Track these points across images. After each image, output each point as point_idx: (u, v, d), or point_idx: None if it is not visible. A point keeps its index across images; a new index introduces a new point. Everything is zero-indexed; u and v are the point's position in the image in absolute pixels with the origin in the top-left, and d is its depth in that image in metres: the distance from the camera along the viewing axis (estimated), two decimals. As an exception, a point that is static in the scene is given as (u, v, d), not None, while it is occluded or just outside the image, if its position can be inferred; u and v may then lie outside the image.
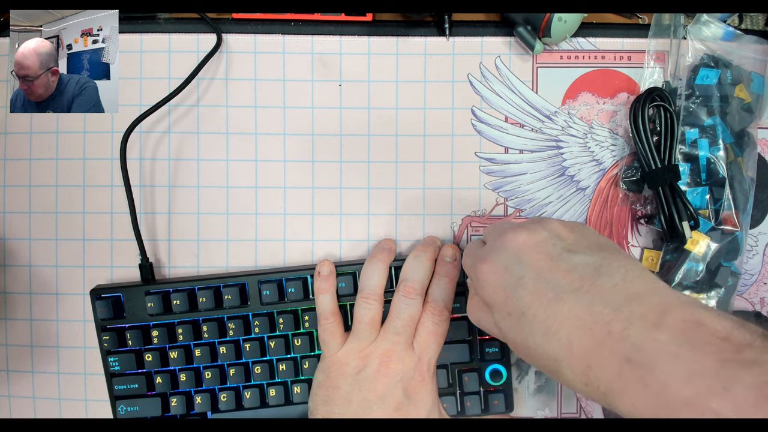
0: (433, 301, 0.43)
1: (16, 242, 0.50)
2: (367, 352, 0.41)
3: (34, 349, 0.50)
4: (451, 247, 0.45)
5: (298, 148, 0.49)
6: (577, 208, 0.49)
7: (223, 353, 0.46)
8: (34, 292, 0.50)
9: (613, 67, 0.49)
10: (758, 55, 0.46)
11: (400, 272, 0.45)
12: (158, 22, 0.49)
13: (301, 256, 0.49)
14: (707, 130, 0.46)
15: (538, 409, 0.49)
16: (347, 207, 0.49)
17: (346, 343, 0.42)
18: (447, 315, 0.43)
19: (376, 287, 0.43)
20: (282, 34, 0.49)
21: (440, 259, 0.44)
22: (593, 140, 0.49)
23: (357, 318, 0.42)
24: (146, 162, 0.49)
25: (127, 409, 0.46)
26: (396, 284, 0.45)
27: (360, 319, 0.42)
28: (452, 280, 0.44)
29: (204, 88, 0.49)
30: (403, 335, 0.41)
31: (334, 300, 0.44)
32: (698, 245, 0.45)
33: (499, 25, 0.48)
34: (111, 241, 0.49)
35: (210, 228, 0.49)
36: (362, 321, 0.42)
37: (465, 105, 0.49)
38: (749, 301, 0.49)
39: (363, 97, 0.49)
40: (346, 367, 0.41)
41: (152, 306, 0.46)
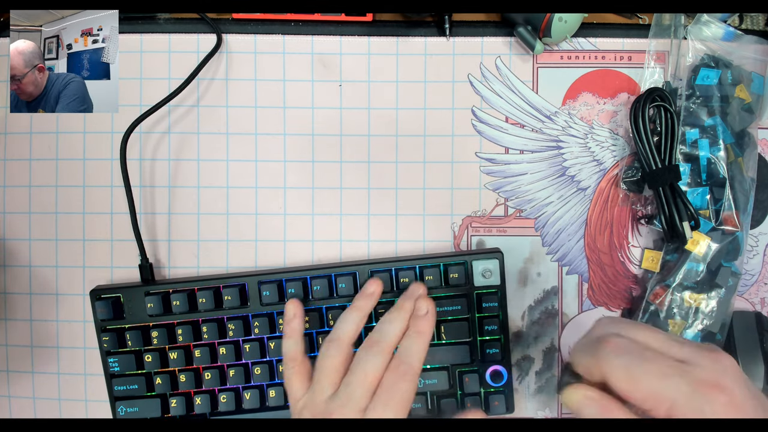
0: (398, 357, 0.37)
1: (16, 242, 0.50)
2: (320, 410, 0.37)
3: (34, 350, 0.50)
4: (426, 301, 0.40)
5: (298, 148, 0.49)
6: (577, 208, 0.49)
7: (222, 354, 0.46)
8: (34, 292, 0.50)
9: (614, 68, 0.49)
10: (758, 55, 0.46)
11: (400, 275, 0.45)
12: (158, 22, 0.49)
13: (301, 256, 0.49)
14: (708, 130, 0.46)
15: (539, 410, 0.49)
16: (347, 207, 0.49)
17: (306, 393, 0.39)
18: (412, 375, 0.36)
19: (346, 336, 0.39)
20: (282, 34, 0.49)
21: (414, 312, 0.40)
22: (594, 140, 0.49)
23: (318, 362, 0.39)
24: (146, 162, 0.49)
25: (127, 409, 0.46)
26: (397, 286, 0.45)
27: (320, 364, 0.38)
28: (424, 335, 0.38)
29: (204, 89, 0.49)
30: (356, 398, 0.36)
31: (297, 345, 0.41)
32: (699, 245, 0.45)
33: (500, 25, 0.48)
34: (111, 241, 0.49)
35: (210, 228, 0.49)
36: (322, 368, 0.38)
37: (465, 105, 0.49)
38: (749, 302, 0.49)
39: (363, 97, 0.49)
40: (304, 416, 0.38)
41: (152, 306, 0.46)
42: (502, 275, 0.46)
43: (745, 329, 0.46)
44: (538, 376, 0.49)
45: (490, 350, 0.46)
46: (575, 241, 0.49)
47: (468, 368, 0.46)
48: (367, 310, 0.41)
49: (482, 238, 0.49)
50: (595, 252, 0.49)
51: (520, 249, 0.49)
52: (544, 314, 0.49)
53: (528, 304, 0.49)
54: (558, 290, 0.49)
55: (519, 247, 0.49)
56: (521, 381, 0.49)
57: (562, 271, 0.49)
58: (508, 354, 0.46)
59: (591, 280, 0.49)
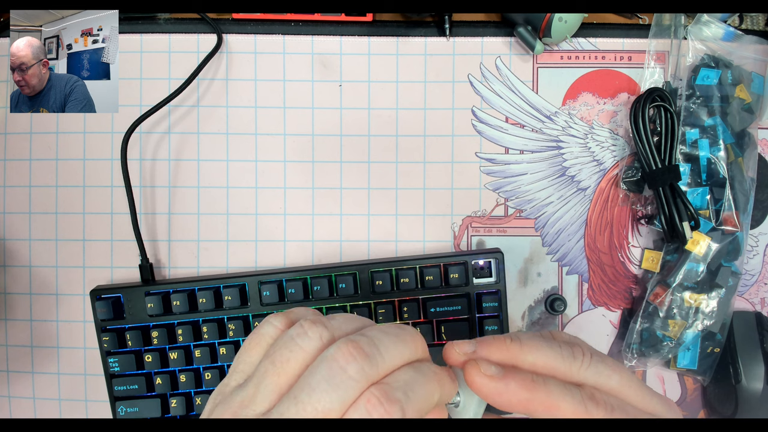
0: (386, 384, 0.23)
1: (16, 242, 0.50)
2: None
3: (34, 350, 0.50)
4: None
5: (298, 149, 0.49)
6: (577, 208, 0.49)
7: (223, 354, 0.46)
8: (34, 292, 0.50)
9: (614, 68, 0.49)
10: (758, 56, 0.46)
11: (400, 275, 0.45)
12: (158, 22, 0.49)
13: (301, 256, 0.49)
14: (708, 130, 0.46)
15: (539, 410, 0.49)
16: (347, 207, 0.49)
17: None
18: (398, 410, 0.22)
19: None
20: (282, 34, 0.49)
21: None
22: (594, 140, 0.49)
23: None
24: (146, 162, 0.49)
25: (127, 410, 0.46)
26: (397, 286, 0.45)
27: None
28: (434, 380, 0.24)
29: (204, 89, 0.49)
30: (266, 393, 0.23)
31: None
32: (699, 246, 0.45)
33: (500, 25, 0.48)
34: (111, 241, 0.49)
35: (210, 228, 0.49)
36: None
37: (465, 105, 0.49)
38: (749, 302, 0.49)
39: (363, 98, 0.49)
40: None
41: (152, 307, 0.46)
42: (502, 275, 0.46)
43: (745, 329, 0.46)
44: (538, 376, 0.49)
45: (490, 350, 0.46)
46: (575, 241, 0.49)
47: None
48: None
49: (482, 238, 0.49)
50: (595, 252, 0.49)
51: (520, 249, 0.49)
52: (544, 314, 0.49)
53: (528, 304, 0.49)
54: (558, 290, 0.49)
55: (519, 247, 0.49)
56: (521, 381, 0.49)
57: (562, 271, 0.49)
58: (508, 354, 0.46)
59: (591, 280, 0.49)
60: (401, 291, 0.46)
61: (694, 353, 0.46)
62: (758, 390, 0.45)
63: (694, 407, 0.49)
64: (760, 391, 0.45)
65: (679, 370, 0.47)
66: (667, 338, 0.46)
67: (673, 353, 0.46)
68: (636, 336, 0.46)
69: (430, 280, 0.45)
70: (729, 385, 0.46)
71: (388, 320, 0.46)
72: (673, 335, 0.45)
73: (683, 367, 0.47)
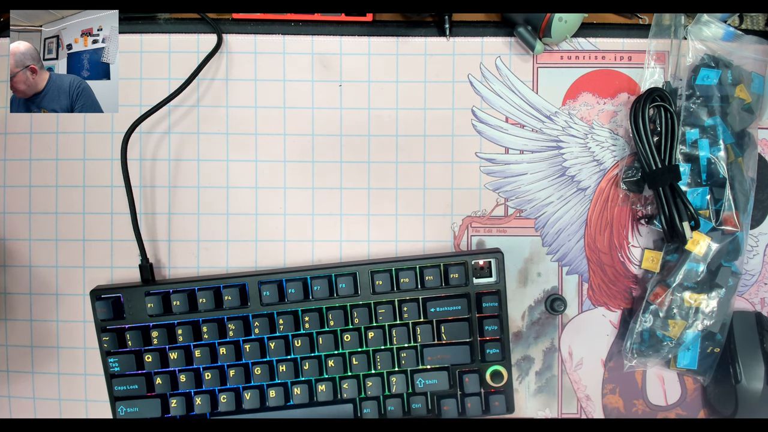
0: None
1: (16, 242, 0.50)
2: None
3: (34, 350, 0.50)
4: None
5: (298, 149, 0.49)
6: (577, 208, 0.49)
7: (223, 354, 0.46)
8: (34, 292, 0.50)
9: (614, 68, 0.49)
10: (758, 55, 0.46)
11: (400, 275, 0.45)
12: (158, 22, 0.49)
13: (301, 256, 0.49)
14: (708, 130, 0.46)
15: (539, 410, 0.49)
16: (347, 207, 0.49)
17: None
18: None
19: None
20: (282, 34, 0.49)
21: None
22: (594, 140, 0.49)
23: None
24: (146, 162, 0.49)
25: (127, 410, 0.46)
26: (397, 286, 0.45)
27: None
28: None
29: (204, 89, 0.49)
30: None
31: None
32: (699, 245, 0.45)
33: (500, 25, 0.48)
34: (111, 241, 0.49)
35: (210, 228, 0.49)
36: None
37: (465, 105, 0.49)
38: (749, 302, 0.49)
39: (363, 98, 0.49)
40: None
41: (152, 307, 0.46)
42: (502, 275, 0.46)
43: (745, 329, 0.46)
44: (538, 376, 0.49)
45: (490, 350, 0.46)
46: (575, 241, 0.49)
47: (468, 368, 0.46)
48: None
49: (482, 238, 0.49)
50: (595, 252, 0.49)
51: (520, 249, 0.49)
52: (544, 314, 0.49)
53: (528, 304, 0.49)
54: (558, 290, 0.49)
55: (519, 247, 0.49)
56: (521, 381, 0.49)
57: (562, 271, 0.49)
58: (508, 354, 0.46)
59: (591, 280, 0.49)
60: (401, 291, 0.46)
61: (694, 353, 0.46)
62: (758, 390, 0.45)
63: (694, 407, 0.49)
64: (760, 391, 0.45)
65: (679, 370, 0.47)
66: (667, 338, 0.46)
67: (673, 353, 0.46)
68: (636, 336, 0.46)
69: (430, 280, 0.45)
70: (729, 385, 0.46)
71: (388, 320, 0.46)
72: (673, 335, 0.45)
73: (683, 367, 0.47)
